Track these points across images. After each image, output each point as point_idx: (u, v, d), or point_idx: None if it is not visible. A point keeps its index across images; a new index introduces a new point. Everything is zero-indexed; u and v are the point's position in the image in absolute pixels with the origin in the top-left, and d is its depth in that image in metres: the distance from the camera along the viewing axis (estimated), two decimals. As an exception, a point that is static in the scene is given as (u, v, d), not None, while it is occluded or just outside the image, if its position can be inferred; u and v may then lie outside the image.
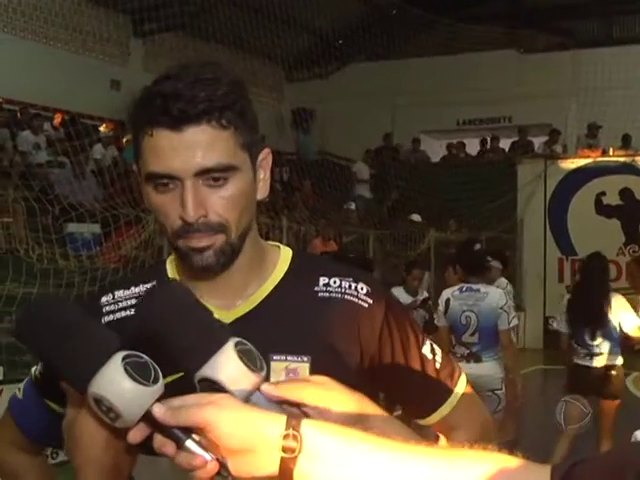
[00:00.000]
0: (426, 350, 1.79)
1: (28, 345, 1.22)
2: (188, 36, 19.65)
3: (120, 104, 17.39)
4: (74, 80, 17.25)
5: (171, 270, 1.77)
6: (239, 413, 1.12)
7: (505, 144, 21.75)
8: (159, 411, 1.13)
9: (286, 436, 1.09)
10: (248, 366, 1.20)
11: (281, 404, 1.22)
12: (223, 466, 1.12)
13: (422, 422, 1.81)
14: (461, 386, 1.82)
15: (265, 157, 1.70)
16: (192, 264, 1.61)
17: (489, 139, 21.86)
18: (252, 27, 19.35)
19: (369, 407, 1.30)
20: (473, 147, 22.13)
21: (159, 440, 1.15)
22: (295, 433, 1.09)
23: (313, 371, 1.62)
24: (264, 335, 1.63)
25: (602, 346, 7.27)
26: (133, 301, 1.73)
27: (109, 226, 11.58)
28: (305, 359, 1.65)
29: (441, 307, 7.07)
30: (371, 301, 1.72)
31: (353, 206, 18.15)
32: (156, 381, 1.15)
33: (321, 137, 22.62)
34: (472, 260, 7.31)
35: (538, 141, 20.80)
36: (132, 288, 1.77)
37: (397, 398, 1.87)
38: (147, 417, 1.14)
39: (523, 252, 18.42)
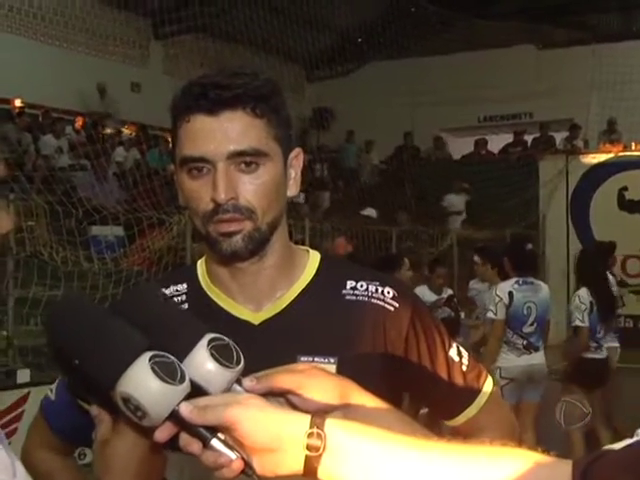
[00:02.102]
0: (453, 352, 1.81)
1: (57, 345, 1.24)
2: (208, 37, 19.63)
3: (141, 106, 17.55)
4: (95, 83, 17.32)
5: (201, 272, 1.80)
6: (264, 412, 1.14)
7: (526, 140, 21.65)
8: (186, 410, 1.15)
9: (310, 434, 1.10)
10: (221, 363, 1.20)
11: (266, 396, 1.22)
12: (248, 465, 1.14)
13: (449, 423, 1.84)
14: (488, 388, 1.85)
15: (296, 156, 1.76)
16: (221, 250, 1.65)
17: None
18: (272, 27, 19.33)
19: (356, 394, 1.30)
20: (495, 144, 22.07)
21: (185, 439, 1.17)
22: (319, 432, 1.11)
23: (339, 372, 1.63)
24: (291, 336, 1.69)
25: (604, 338, 7.66)
26: None
27: (132, 229, 11.61)
28: (332, 360, 1.67)
29: (505, 300, 7.29)
30: (397, 305, 1.75)
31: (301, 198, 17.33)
32: (182, 380, 1.16)
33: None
34: (525, 259, 7.68)
35: (559, 137, 20.70)
36: (163, 290, 1.75)
37: (424, 400, 1.89)
38: (174, 416, 1.15)
39: (546, 248, 18.31)
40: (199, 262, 1.83)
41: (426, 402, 1.89)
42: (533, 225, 18.19)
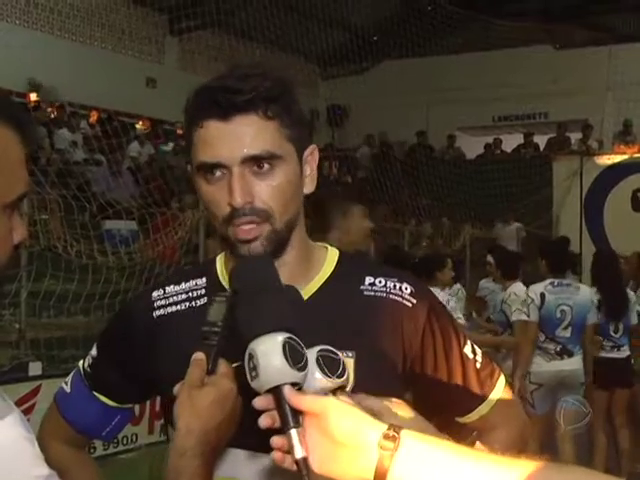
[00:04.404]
0: (467, 350, 1.84)
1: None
2: (223, 34, 19.67)
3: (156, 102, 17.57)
4: (110, 78, 17.35)
5: (220, 267, 1.83)
6: (351, 409, 1.25)
7: (541, 140, 21.60)
8: (288, 390, 1.29)
9: (386, 436, 1.20)
10: (324, 371, 1.36)
11: None
12: (306, 465, 1.24)
13: (461, 420, 1.86)
14: (500, 386, 1.88)
15: (311, 153, 1.76)
16: (239, 254, 1.66)
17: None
18: (287, 24, 19.33)
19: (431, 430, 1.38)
20: (509, 144, 22.05)
21: (270, 414, 1.29)
22: (395, 434, 1.20)
23: (357, 366, 1.66)
24: (310, 331, 1.67)
25: (623, 337, 7.52)
26: (183, 296, 1.81)
27: (146, 223, 11.64)
28: (350, 354, 1.68)
29: (536, 302, 7.04)
30: (415, 301, 1.77)
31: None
32: (301, 370, 1.31)
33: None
34: (563, 260, 7.40)
35: (574, 137, 20.65)
36: (182, 284, 1.83)
37: (437, 396, 1.88)
38: (277, 391, 1.29)
39: (559, 249, 18.26)
40: (218, 257, 1.85)
41: (440, 398, 1.89)
42: (546, 226, 18.12)
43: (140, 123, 18.18)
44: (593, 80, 20.00)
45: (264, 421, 1.28)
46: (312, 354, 1.35)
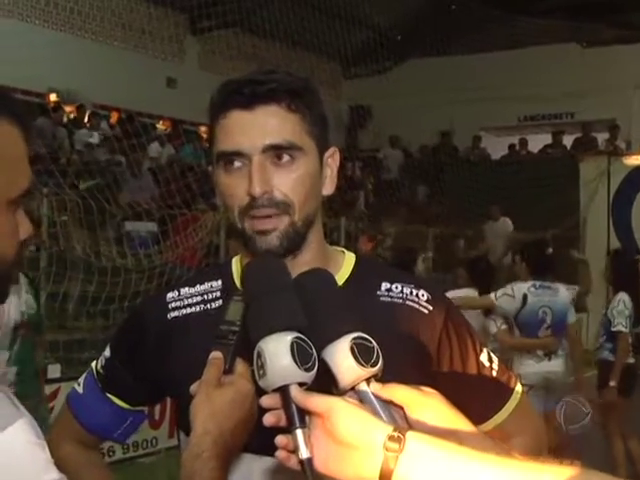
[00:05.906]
0: (483, 357, 1.87)
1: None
2: (244, 33, 19.79)
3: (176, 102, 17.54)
4: (130, 78, 17.37)
5: (236, 269, 1.83)
6: (357, 410, 1.24)
7: (567, 140, 21.44)
8: (295, 389, 1.27)
9: (391, 437, 1.18)
10: (357, 360, 1.31)
11: (388, 403, 1.32)
12: (310, 466, 1.22)
13: (478, 428, 1.75)
14: (517, 394, 1.90)
15: (332, 155, 1.78)
16: (256, 247, 1.67)
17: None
18: (309, 23, 19.41)
19: (464, 423, 1.38)
20: (534, 144, 21.88)
21: (276, 412, 1.28)
22: (400, 436, 1.18)
23: None
24: None
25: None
26: (198, 298, 1.82)
27: (166, 224, 11.66)
28: None
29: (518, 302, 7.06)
30: (431, 308, 1.80)
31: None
32: (309, 370, 1.29)
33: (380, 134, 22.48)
34: (543, 263, 7.35)
35: (601, 137, 20.48)
36: (197, 286, 1.84)
37: (453, 403, 1.79)
38: (283, 390, 1.28)
39: (586, 250, 18.07)
40: (234, 260, 1.86)
41: (456, 406, 1.80)
42: (573, 227, 17.98)
43: (160, 123, 18.28)
44: (621, 79, 19.88)
45: (268, 419, 1.28)
46: (346, 341, 1.32)
